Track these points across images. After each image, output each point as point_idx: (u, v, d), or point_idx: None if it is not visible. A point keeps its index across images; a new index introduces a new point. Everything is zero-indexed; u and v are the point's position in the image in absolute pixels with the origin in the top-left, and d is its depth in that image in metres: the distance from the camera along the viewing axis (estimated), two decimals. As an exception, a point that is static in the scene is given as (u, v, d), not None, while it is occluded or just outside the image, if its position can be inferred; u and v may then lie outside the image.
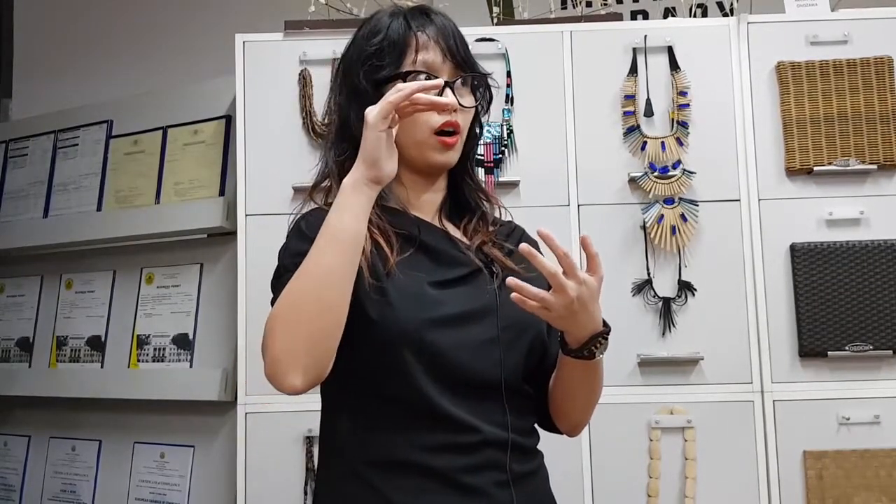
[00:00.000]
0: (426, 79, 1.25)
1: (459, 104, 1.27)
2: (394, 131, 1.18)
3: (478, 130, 1.37)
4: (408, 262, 1.23)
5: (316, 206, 1.32)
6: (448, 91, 1.25)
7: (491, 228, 1.37)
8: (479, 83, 1.32)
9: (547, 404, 1.34)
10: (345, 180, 1.18)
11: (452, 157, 1.30)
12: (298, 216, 1.30)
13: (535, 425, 1.34)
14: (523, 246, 1.14)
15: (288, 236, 1.29)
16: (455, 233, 1.33)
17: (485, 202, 1.38)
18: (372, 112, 1.16)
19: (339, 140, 1.32)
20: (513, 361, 1.25)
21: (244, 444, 2.10)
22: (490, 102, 1.37)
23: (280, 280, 1.22)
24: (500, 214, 1.41)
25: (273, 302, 1.22)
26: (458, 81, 1.27)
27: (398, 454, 1.20)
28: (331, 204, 1.23)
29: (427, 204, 1.33)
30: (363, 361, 1.21)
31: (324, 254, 1.15)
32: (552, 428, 1.38)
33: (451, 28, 1.30)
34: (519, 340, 1.26)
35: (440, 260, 1.26)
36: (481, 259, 1.29)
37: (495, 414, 1.22)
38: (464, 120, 1.29)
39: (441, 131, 1.26)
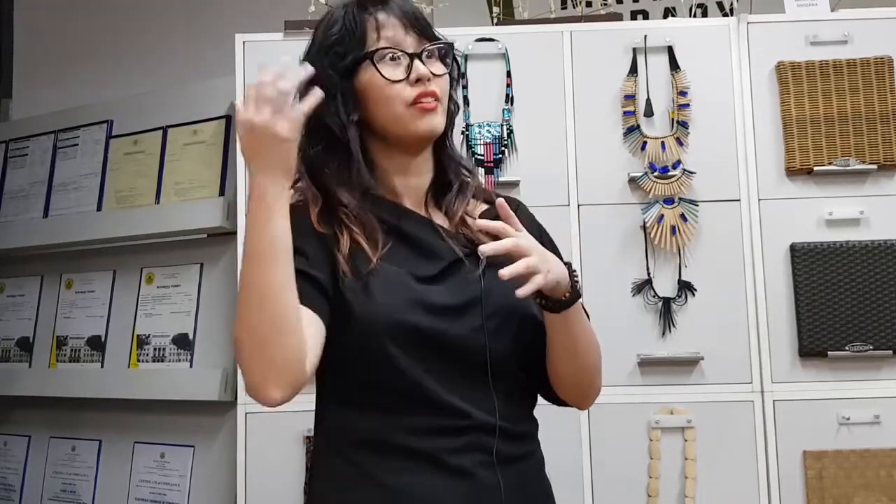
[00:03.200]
0: (391, 56, 1.25)
1: (431, 73, 1.26)
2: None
3: (453, 108, 1.34)
4: (390, 256, 1.23)
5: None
6: (418, 63, 1.25)
7: (481, 207, 1.36)
8: (446, 53, 1.31)
9: (549, 379, 1.33)
10: (259, 191, 1.10)
11: (437, 121, 1.27)
12: None
13: (533, 412, 1.33)
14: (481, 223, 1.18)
15: None
16: (439, 219, 1.32)
17: (466, 176, 1.36)
18: (283, 126, 1.09)
19: (311, 140, 1.30)
20: (501, 347, 1.25)
21: (244, 444, 2.10)
22: (460, 73, 1.35)
23: None
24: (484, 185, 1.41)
25: None
26: (425, 53, 1.27)
27: (385, 436, 1.21)
28: (306, 202, 1.25)
29: (414, 189, 1.32)
30: (350, 353, 1.21)
31: (263, 271, 1.11)
32: (559, 401, 1.36)
33: (409, 6, 1.29)
34: (507, 326, 1.26)
35: (422, 251, 1.26)
36: (465, 245, 1.29)
37: (485, 399, 1.23)
38: (440, 87, 1.28)
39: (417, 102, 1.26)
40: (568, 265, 1.23)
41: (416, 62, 1.25)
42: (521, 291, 1.13)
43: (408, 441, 1.20)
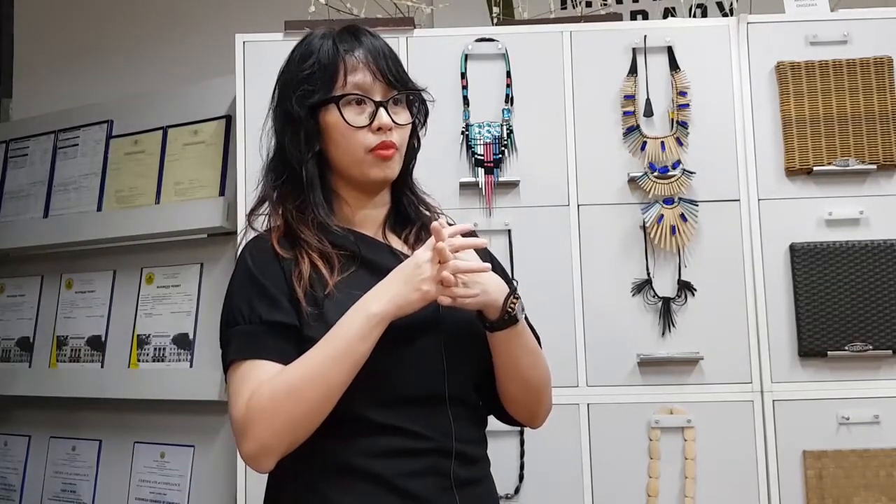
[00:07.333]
0: (357, 100, 1.29)
1: (394, 122, 1.29)
2: None
3: (416, 145, 1.39)
4: (349, 281, 1.26)
5: (255, 232, 1.34)
6: (383, 112, 1.28)
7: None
8: (414, 99, 1.34)
9: (499, 397, 1.36)
10: (370, 309, 1.19)
11: (392, 170, 1.32)
12: (242, 248, 1.32)
13: (485, 434, 1.35)
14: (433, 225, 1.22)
15: (236, 275, 1.30)
16: (398, 245, 1.35)
17: (426, 212, 1.40)
18: (432, 290, 1.20)
19: (276, 164, 1.34)
20: (459, 370, 1.27)
21: (244, 444, 2.10)
22: (426, 117, 1.39)
23: (231, 332, 1.25)
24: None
25: (227, 355, 1.24)
26: (391, 100, 1.30)
27: (341, 459, 1.22)
28: (270, 229, 1.30)
29: (370, 219, 1.36)
30: None
31: (332, 369, 1.18)
32: (511, 420, 1.39)
33: (381, 48, 1.32)
34: (464, 348, 1.27)
35: (382, 275, 1.26)
36: None
37: (441, 423, 1.24)
38: (400, 137, 1.32)
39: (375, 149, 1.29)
40: (511, 291, 1.25)
41: (381, 111, 1.29)
42: (442, 300, 1.21)
43: (365, 464, 1.21)
